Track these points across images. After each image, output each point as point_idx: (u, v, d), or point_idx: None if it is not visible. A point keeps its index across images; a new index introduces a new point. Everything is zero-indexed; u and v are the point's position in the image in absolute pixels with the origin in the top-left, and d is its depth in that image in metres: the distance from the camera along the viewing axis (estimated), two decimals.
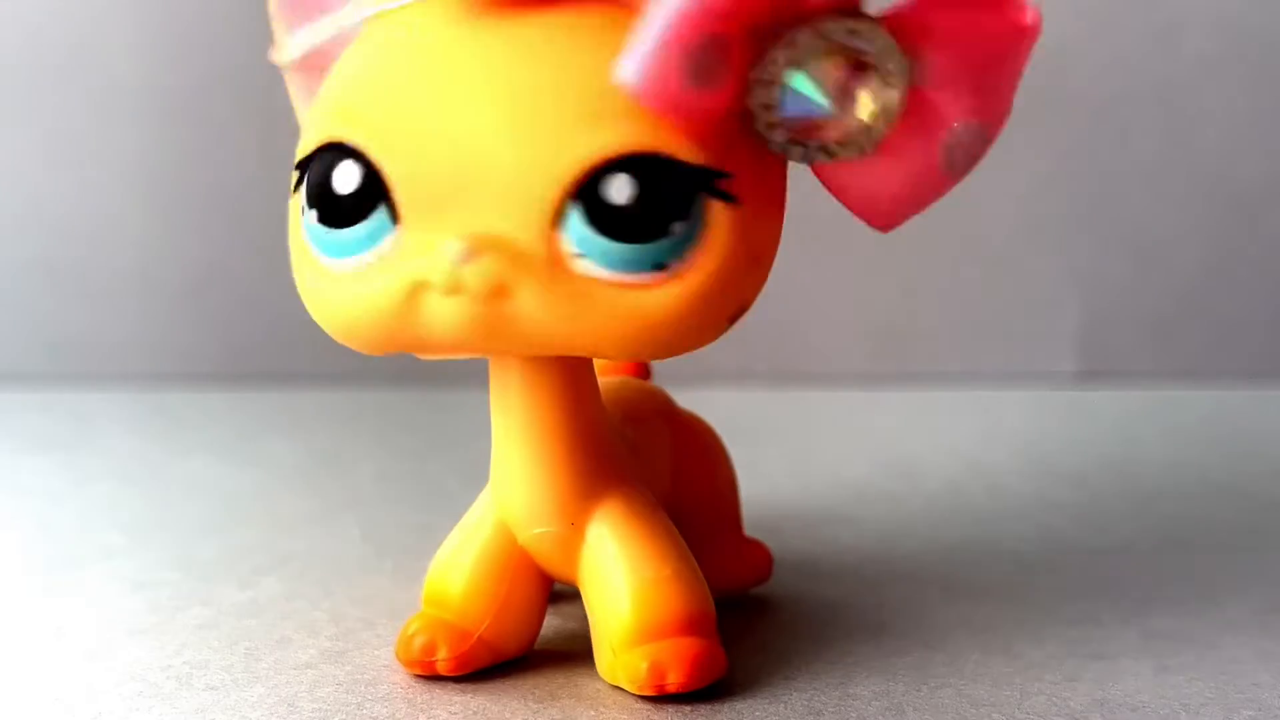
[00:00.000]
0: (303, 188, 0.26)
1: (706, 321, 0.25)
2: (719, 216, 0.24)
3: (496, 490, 0.28)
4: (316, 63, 0.27)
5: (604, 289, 0.24)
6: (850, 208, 0.25)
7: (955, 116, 0.24)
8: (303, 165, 0.26)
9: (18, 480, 0.45)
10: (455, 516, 0.29)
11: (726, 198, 0.24)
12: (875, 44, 0.23)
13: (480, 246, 0.24)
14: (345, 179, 0.25)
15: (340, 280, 0.25)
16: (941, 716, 0.25)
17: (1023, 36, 0.24)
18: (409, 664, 0.28)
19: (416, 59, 0.25)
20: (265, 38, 0.28)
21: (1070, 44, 0.62)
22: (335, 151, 0.25)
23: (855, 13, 0.23)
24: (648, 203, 0.24)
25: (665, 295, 0.24)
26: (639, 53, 0.23)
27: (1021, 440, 0.51)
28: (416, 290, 0.24)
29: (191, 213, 0.69)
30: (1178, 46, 0.65)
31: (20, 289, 0.69)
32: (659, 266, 0.24)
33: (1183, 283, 0.67)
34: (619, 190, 0.24)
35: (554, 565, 0.28)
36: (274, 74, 0.29)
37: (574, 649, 0.29)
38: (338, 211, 0.25)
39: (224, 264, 0.68)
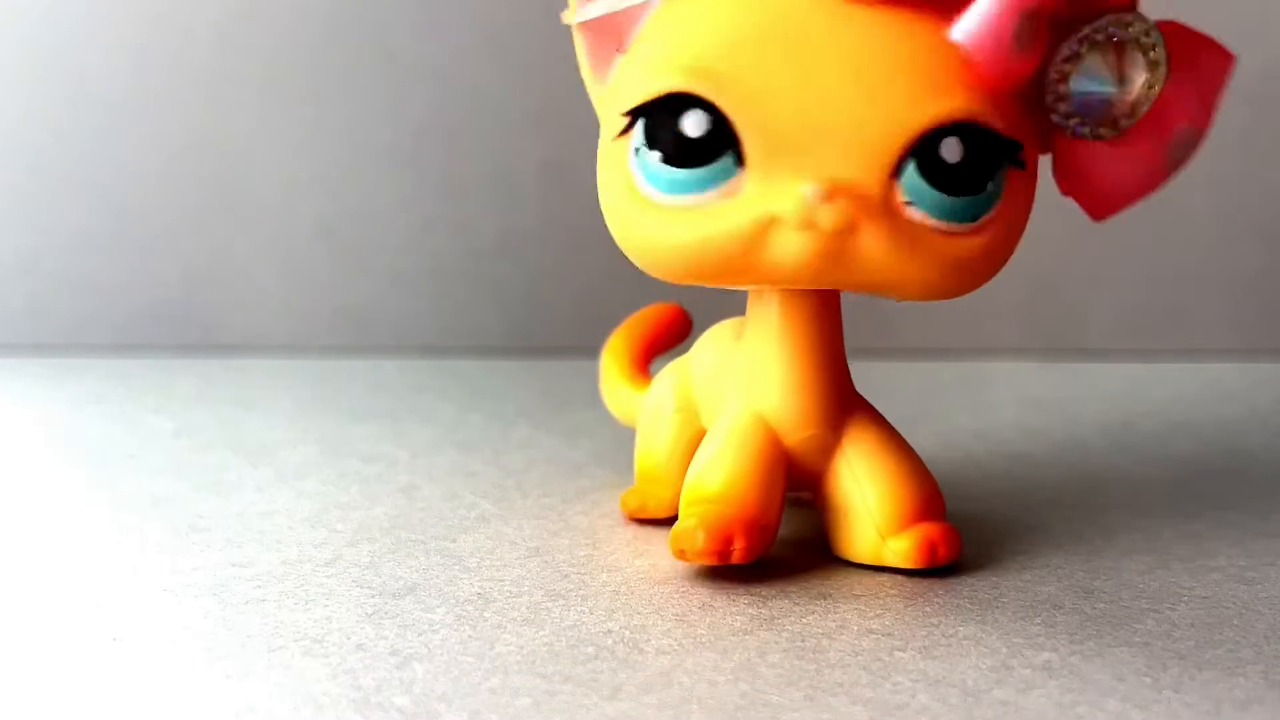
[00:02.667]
0: (635, 131, 0.29)
1: (996, 266, 0.30)
2: (1014, 179, 0.29)
3: (763, 402, 0.33)
4: (608, 25, 0.31)
5: (929, 234, 0.29)
6: (1072, 193, 0.30)
7: (1180, 118, 0.29)
8: (637, 112, 0.29)
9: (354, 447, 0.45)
10: None
11: (1020, 165, 0.29)
12: (1153, 38, 0.28)
13: (835, 190, 0.28)
14: (695, 125, 0.28)
15: (677, 214, 0.29)
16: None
17: (1225, 65, 0.30)
18: (702, 555, 0.31)
19: (765, 21, 0.28)
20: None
21: None
22: (679, 100, 0.28)
23: (1137, 10, 0.29)
24: (972, 162, 0.28)
25: (975, 243, 0.29)
26: (977, 12, 0.27)
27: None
28: (768, 225, 0.28)
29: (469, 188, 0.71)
30: None
31: (308, 260, 0.71)
32: (973, 218, 0.29)
33: None
34: (951, 150, 0.28)
35: (811, 464, 0.33)
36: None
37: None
38: (685, 153, 0.28)
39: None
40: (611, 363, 0.44)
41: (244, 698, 0.25)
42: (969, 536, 0.37)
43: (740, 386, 0.33)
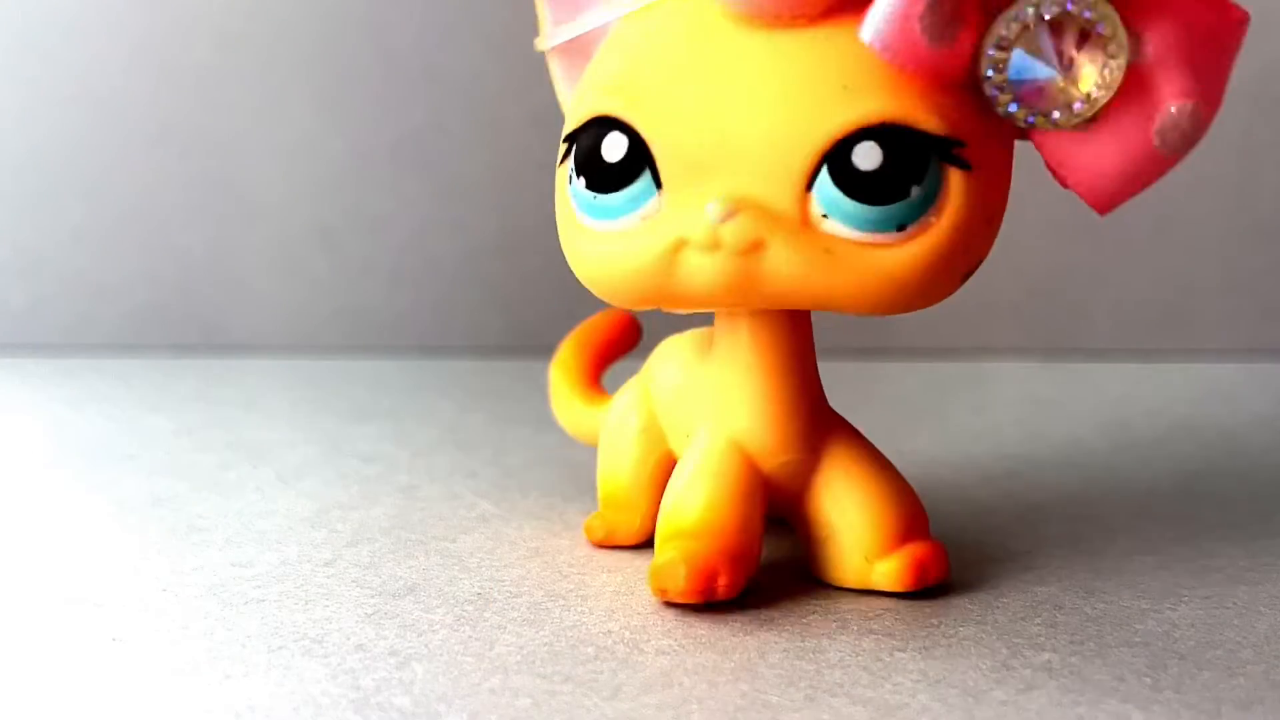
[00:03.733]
0: (570, 158, 0.29)
1: (941, 278, 0.28)
2: (954, 181, 0.27)
3: (736, 427, 0.31)
4: (578, 48, 0.31)
5: (848, 247, 0.27)
6: (1071, 186, 0.27)
7: (1170, 96, 0.26)
8: (571, 138, 0.29)
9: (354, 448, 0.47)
10: None
11: (962, 164, 0.27)
12: (1099, 13, 0.25)
13: (737, 206, 0.27)
14: (613, 148, 0.28)
15: (604, 240, 0.28)
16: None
17: (1235, 25, 0.26)
18: (684, 593, 0.29)
19: (679, 43, 0.28)
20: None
21: None
22: (603, 124, 0.28)
23: None
24: (891, 168, 0.26)
25: (904, 254, 0.27)
26: (880, 9, 0.25)
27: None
28: (677, 247, 0.27)
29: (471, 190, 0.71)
30: None
31: (308, 261, 0.70)
32: (899, 227, 0.27)
33: None
34: (866, 156, 0.26)
35: (789, 489, 0.31)
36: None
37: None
38: (605, 178, 0.28)
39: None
40: (561, 376, 0.42)
41: (244, 698, 0.25)
42: (969, 537, 0.37)
43: (710, 411, 0.32)
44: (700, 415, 0.32)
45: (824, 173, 0.27)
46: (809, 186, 0.27)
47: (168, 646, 0.28)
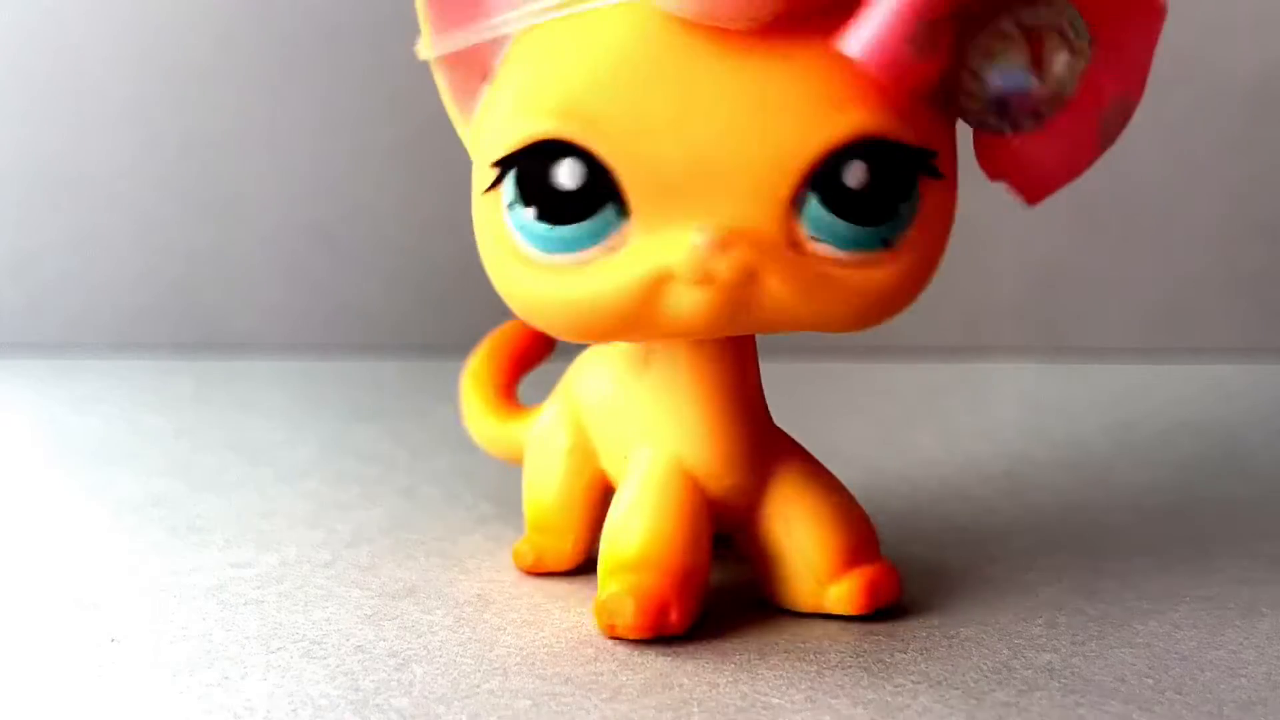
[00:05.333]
0: (505, 185, 0.26)
1: (921, 287, 0.27)
2: (930, 192, 0.26)
3: (680, 448, 0.29)
4: (470, 60, 0.28)
5: (838, 268, 0.26)
6: (1006, 180, 0.27)
7: (1110, 88, 0.26)
8: (504, 163, 0.26)
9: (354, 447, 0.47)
10: None
11: (936, 174, 0.26)
12: (1068, 17, 0.25)
13: (729, 238, 0.25)
14: (569, 175, 0.25)
15: (560, 273, 0.26)
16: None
17: (1156, 15, 0.26)
18: (634, 629, 0.28)
19: (637, 55, 0.25)
20: None
21: None
22: (549, 148, 0.25)
23: None
24: (879, 185, 0.25)
25: (891, 269, 0.26)
26: (869, 22, 0.24)
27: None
28: (660, 281, 0.25)
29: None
30: None
31: (308, 261, 0.71)
32: (886, 243, 0.26)
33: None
34: (854, 175, 0.25)
35: (736, 513, 0.30)
36: None
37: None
38: (560, 207, 0.25)
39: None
40: (473, 389, 0.40)
41: (243, 699, 0.25)
42: (969, 537, 0.37)
43: (650, 431, 0.30)
44: (638, 435, 0.30)
45: (812, 195, 0.25)
46: (797, 209, 0.25)
47: (166, 647, 0.28)
